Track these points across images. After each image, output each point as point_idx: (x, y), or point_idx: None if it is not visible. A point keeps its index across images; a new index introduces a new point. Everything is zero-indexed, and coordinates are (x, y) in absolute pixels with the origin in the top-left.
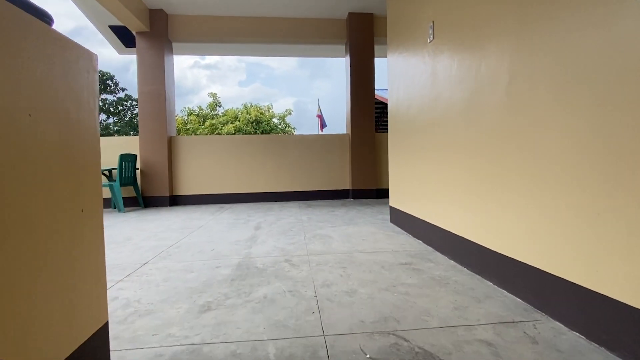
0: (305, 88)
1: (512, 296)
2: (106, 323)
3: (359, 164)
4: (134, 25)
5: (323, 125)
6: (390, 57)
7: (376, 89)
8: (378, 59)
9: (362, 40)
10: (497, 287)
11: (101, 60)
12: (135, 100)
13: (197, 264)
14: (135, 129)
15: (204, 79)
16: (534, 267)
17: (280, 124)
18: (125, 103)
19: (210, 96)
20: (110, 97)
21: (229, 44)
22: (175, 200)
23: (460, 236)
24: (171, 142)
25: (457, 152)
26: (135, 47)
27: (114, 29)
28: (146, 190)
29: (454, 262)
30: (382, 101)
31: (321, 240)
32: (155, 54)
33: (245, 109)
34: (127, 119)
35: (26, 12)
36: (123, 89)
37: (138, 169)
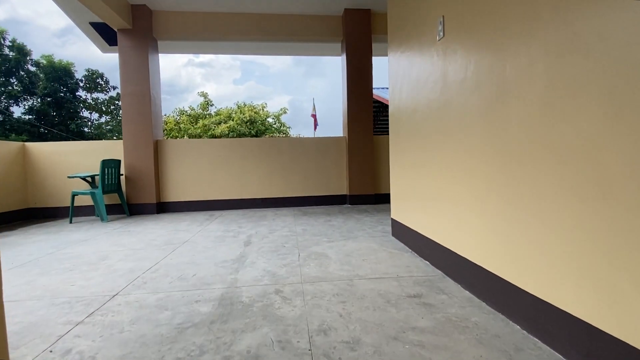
0: (300, 86)
1: (549, 349)
2: None
3: (357, 168)
4: (115, 22)
5: (316, 125)
6: (392, 56)
7: (373, 87)
8: (376, 57)
9: (359, 38)
10: (527, 334)
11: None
12: None
13: (175, 296)
14: None
15: (198, 77)
16: (581, 321)
17: (275, 123)
18: (117, 102)
19: (201, 95)
20: (101, 96)
21: (218, 42)
22: (163, 208)
23: (478, 265)
24: (157, 146)
25: (474, 166)
26: None
27: (95, 26)
28: (132, 198)
29: (469, 294)
30: (379, 100)
31: (317, 261)
32: (139, 53)
33: (238, 108)
34: (119, 118)
35: None
36: (114, 87)
37: (122, 175)
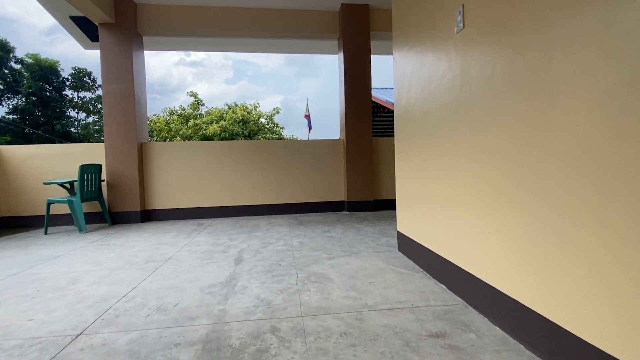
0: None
1: None
2: None
3: (355, 172)
4: (96, 16)
5: (310, 127)
6: (397, 54)
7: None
8: (373, 55)
9: (356, 35)
10: None
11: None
12: None
13: (151, 337)
14: None
15: (189, 76)
16: None
17: (268, 124)
18: None
19: (190, 95)
20: (88, 95)
21: (208, 37)
22: (148, 216)
23: (509, 296)
24: (142, 149)
25: (502, 181)
26: None
27: (76, 20)
28: (114, 205)
29: (501, 331)
30: (374, 100)
31: (318, 284)
32: (122, 49)
33: (229, 108)
34: None
35: None
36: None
37: (104, 180)
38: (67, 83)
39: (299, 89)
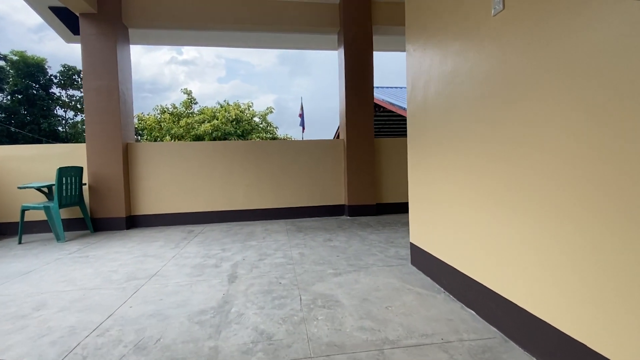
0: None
1: None
2: None
3: (356, 174)
4: (76, 6)
5: (304, 127)
6: (411, 47)
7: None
8: (375, 52)
9: (358, 29)
10: None
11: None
12: None
13: None
14: None
15: (181, 75)
16: None
17: (262, 123)
18: None
19: (184, 93)
20: (77, 93)
21: (200, 31)
22: (134, 222)
23: (563, 332)
24: (128, 150)
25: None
26: None
27: (55, 11)
28: (96, 211)
29: None
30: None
31: (326, 310)
32: (106, 42)
33: (222, 107)
34: None
35: None
36: None
37: (85, 184)
38: (55, 81)
39: (291, 88)
